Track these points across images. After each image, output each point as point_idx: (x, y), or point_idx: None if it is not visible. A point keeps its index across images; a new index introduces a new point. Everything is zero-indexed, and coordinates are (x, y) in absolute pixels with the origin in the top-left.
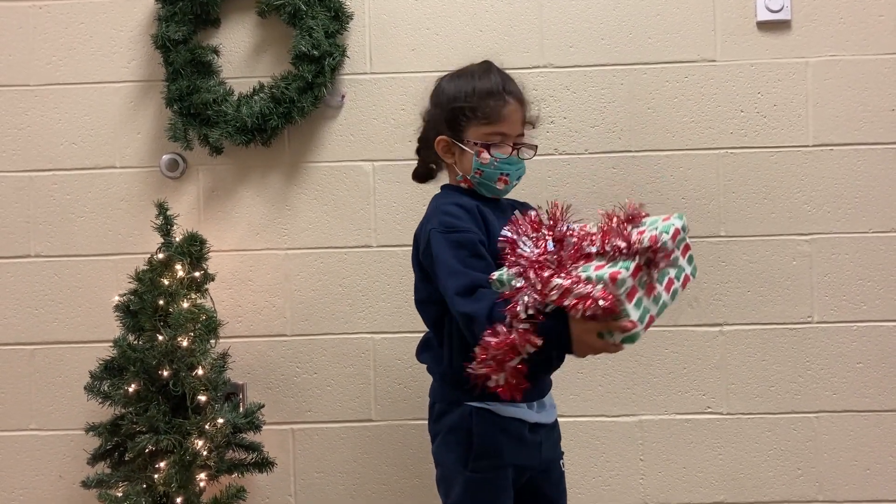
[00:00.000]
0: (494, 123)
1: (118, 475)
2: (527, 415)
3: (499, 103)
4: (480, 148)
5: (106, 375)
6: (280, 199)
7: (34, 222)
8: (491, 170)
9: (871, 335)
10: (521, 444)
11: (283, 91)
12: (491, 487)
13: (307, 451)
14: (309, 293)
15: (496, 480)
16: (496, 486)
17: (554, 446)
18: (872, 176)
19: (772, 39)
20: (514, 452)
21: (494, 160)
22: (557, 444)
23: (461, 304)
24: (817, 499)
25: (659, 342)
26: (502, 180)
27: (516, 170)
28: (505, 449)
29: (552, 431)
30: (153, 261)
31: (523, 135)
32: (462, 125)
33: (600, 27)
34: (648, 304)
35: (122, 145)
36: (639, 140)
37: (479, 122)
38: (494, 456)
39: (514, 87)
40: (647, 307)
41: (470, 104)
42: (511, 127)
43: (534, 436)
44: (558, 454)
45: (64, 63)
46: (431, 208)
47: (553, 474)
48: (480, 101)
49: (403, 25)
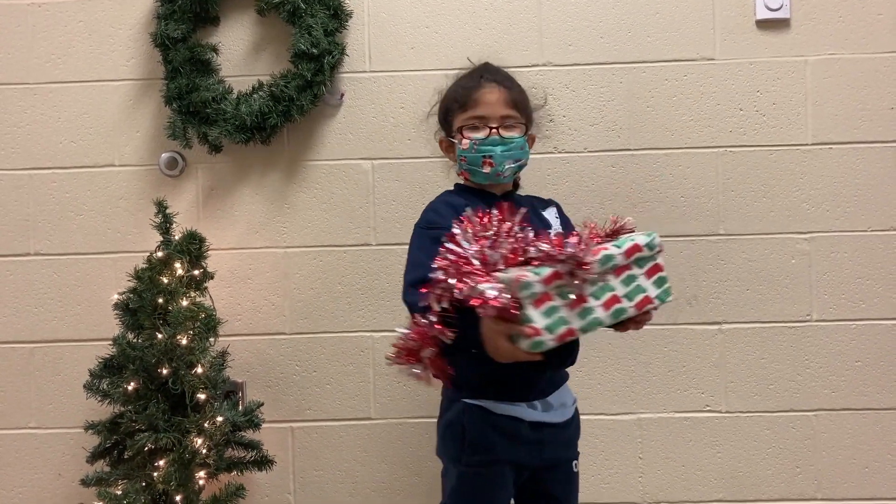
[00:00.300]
0: (471, 108)
1: (117, 473)
2: (524, 413)
3: (472, 87)
4: (460, 135)
5: (105, 373)
6: (279, 197)
7: (33, 220)
8: (472, 154)
9: (870, 333)
10: (517, 442)
11: (282, 89)
12: (483, 482)
13: (306, 449)
14: (308, 291)
15: (489, 476)
16: (489, 482)
17: (564, 446)
18: (871, 174)
19: (771, 38)
20: (508, 449)
21: (474, 143)
22: (570, 445)
23: (406, 295)
24: (816, 497)
25: (658, 340)
26: (486, 163)
27: (501, 151)
28: (497, 445)
29: (562, 431)
30: (152, 259)
31: (509, 117)
32: (450, 120)
33: (599, 25)
34: (569, 315)
35: (122, 143)
36: (638, 138)
37: (459, 111)
38: (486, 452)
39: (496, 73)
40: (564, 318)
41: (451, 97)
42: (489, 109)
43: (535, 434)
44: (571, 454)
45: (63, 61)
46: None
47: (559, 473)
48: (457, 90)
49: (403, 24)
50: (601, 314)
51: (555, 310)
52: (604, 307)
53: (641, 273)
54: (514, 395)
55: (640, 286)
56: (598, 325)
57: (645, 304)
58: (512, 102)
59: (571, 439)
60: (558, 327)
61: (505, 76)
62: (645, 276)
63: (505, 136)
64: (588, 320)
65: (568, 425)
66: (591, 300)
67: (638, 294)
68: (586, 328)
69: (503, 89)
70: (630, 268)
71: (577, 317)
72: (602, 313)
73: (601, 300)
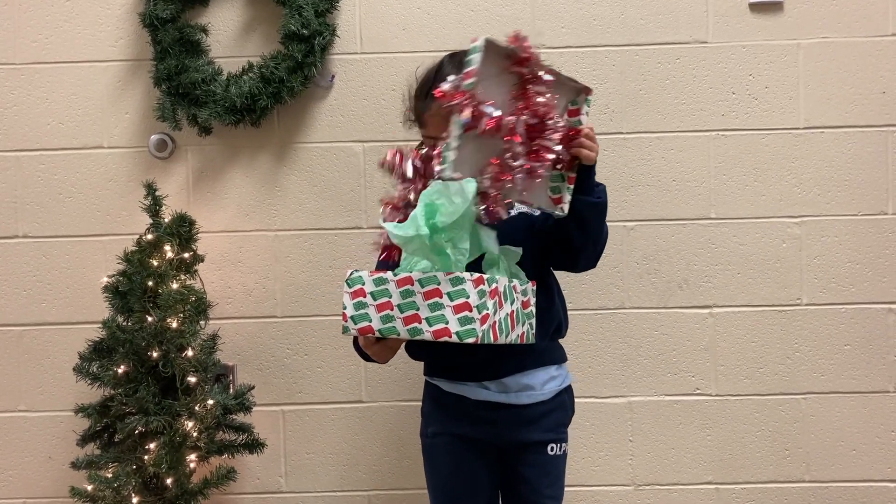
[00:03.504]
0: (422, 127)
1: (108, 456)
2: (470, 392)
3: (421, 105)
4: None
5: (95, 357)
6: (270, 179)
7: (21, 203)
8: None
9: (859, 317)
10: (463, 419)
11: (272, 71)
12: (440, 452)
13: (298, 432)
14: (299, 274)
15: (443, 446)
16: (444, 451)
17: (530, 428)
18: (862, 159)
19: (764, 21)
20: (455, 424)
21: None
22: (540, 427)
23: None
24: (804, 479)
25: (649, 324)
26: None
27: None
28: (444, 420)
29: (523, 412)
30: (142, 242)
31: None
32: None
33: (592, 8)
34: (372, 315)
35: (110, 125)
36: (630, 122)
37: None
38: (436, 424)
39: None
40: (367, 315)
41: (408, 106)
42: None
43: (486, 413)
44: (543, 437)
45: (50, 42)
46: None
47: (529, 455)
48: (412, 102)
49: (394, 5)
50: (399, 325)
51: (362, 305)
52: (404, 321)
53: (451, 305)
54: (462, 376)
55: (444, 316)
56: (395, 334)
57: (442, 334)
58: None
59: (543, 422)
60: (360, 321)
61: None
62: (453, 309)
63: None
64: (387, 326)
65: (533, 408)
66: (395, 311)
67: (438, 323)
68: (384, 332)
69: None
70: (441, 295)
71: (378, 319)
72: (400, 325)
73: (404, 314)
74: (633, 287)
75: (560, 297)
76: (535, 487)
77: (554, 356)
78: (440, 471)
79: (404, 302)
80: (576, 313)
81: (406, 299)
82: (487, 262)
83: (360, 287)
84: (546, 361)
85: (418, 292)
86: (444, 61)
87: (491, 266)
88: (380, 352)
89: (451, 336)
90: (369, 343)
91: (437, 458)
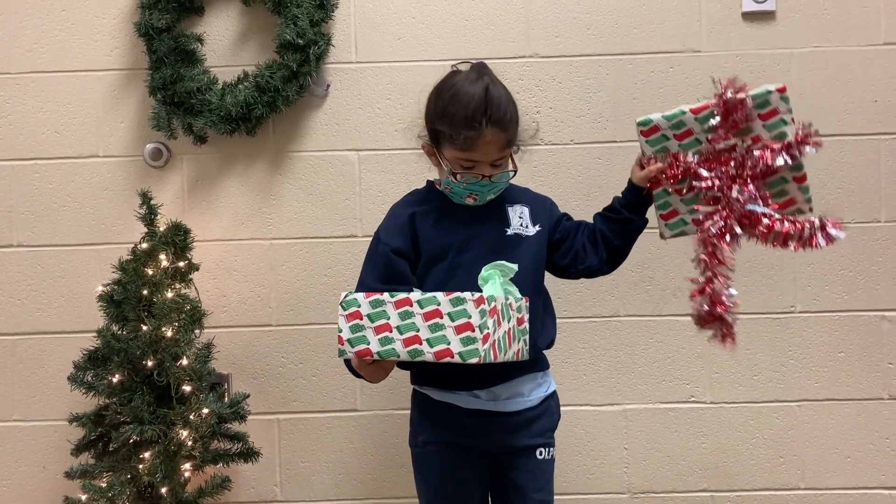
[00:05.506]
0: (466, 151)
1: (102, 466)
2: (460, 401)
3: (472, 133)
4: (450, 164)
5: (90, 366)
6: (265, 188)
7: (16, 212)
8: (460, 188)
9: (853, 325)
10: (453, 427)
11: (267, 80)
12: (431, 461)
13: (292, 441)
14: (294, 283)
15: (437, 454)
16: (437, 460)
17: (520, 434)
18: (855, 167)
19: (757, 30)
20: (444, 432)
21: (462, 182)
22: (530, 433)
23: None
24: (799, 486)
25: (643, 331)
26: (471, 197)
27: (487, 190)
28: (434, 429)
29: (513, 419)
30: (137, 250)
31: (503, 158)
32: (440, 142)
33: (586, 17)
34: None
35: (106, 134)
36: (624, 130)
37: (451, 145)
38: (424, 433)
39: (497, 111)
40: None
41: (445, 129)
42: (485, 154)
43: (476, 421)
44: (533, 441)
45: (45, 51)
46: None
47: (520, 460)
48: (454, 128)
49: (389, 14)
50: (398, 347)
51: (359, 327)
52: (403, 343)
53: (453, 325)
54: (452, 385)
55: (445, 336)
56: (394, 356)
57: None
58: (507, 143)
59: (532, 427)
60: (358, 344)
61: (505, 110)
62: (454, 330)
63: (493, 178)
64: (385, 348)
65: (522, 414)
66: (394, 332)
67: (440, 344)
68: (382, 354)
69: (501, 133)
70: (441, 316)
71: (377, 341)
72: (400, 347)
73: (403, 336)
74: (627, 295)
75: (552, 311)
76: (525, 493)
77: (538, 364)
78: (432, 479)
79: (403, 323)
80: (570, 321)
81: (405, 321)
82: (483, 278)
83: (355, 309)
84: (532, 369)
85: (417, 313)
86: (489, 87)
87: (486, 282)
88: (374, 372)
89: (454, 357)
90: (363, 364)
91: (428, 466)
